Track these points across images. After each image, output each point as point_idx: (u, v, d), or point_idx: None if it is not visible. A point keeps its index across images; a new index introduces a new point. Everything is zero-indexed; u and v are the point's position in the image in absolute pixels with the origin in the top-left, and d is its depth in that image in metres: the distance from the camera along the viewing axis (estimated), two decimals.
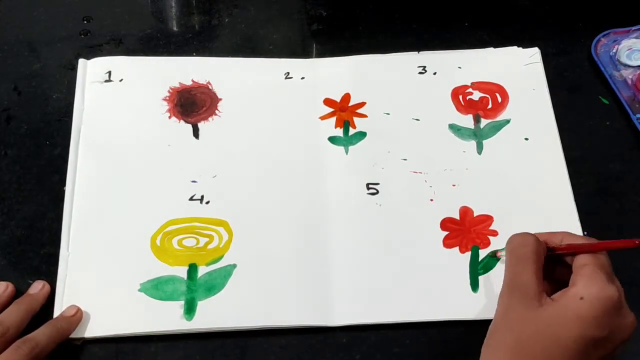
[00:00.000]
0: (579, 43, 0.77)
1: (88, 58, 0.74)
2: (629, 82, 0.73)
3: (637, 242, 0.50)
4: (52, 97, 0.72)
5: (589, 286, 0.49)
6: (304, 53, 0.76)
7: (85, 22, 0.78)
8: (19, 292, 0.61)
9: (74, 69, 0.73)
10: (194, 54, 0.76)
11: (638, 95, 0.73)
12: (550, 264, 0.54)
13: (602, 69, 0.74)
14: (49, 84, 0.73)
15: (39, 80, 0.73)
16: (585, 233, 0.65)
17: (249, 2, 0.80)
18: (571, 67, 0.76)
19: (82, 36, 0.77)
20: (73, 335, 0.59)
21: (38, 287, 0.61)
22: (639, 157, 0.70)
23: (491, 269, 0.63)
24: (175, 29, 0.79)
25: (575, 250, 0.52)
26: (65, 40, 0.76)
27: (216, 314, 0.60)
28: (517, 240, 0.54)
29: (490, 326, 0.51)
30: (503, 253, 0.60)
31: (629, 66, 0.74)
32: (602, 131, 0.72)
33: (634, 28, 0.77)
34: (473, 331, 0.59)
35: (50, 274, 0.62)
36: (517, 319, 0.50)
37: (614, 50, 0.75)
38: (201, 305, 0.60)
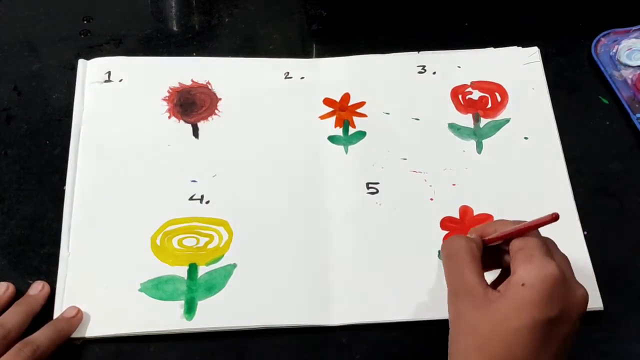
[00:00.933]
0: (579, 43, 0.77)
1: (88, 58, 0.74)
2: (629, 82, 0.73)
3: (555, 215, 0.49)
4: (52, 97, 0.72)
5: (527, 270, 0.48)
6: (304, 53, 0.76)
7: (85, 22, 0.78)
8: (19, 292, 0.61)
9: (74, 69, 0.73)
10: (194, 54, 0.76)
11: (638, 95, 0.73)
12: (495, 254, 0.54)
13: (602, 69, 0.74)
14: (49, 84, 0.73)
15: (39, 80, 0.73)
16: (585, 233, 0.65)
17: (249, 2, 0.80)
18: (571, 67, 0.76)
19: (82, 36, 0.77)
20: (73, 335, 0.59)
21: (38, 288, 0.61)
22: (639, 157, 0.70)
23: None
24: (175, 29, 0.79)
25: (505, 237, 0.52)
26: (65, 40, 0.76)
27: (216, 314, 0.60)
28: (449, 245, 0.53)
29: (449, 336, 0.51)
30: None
31: (629, 66, 0.74)
32: (602, 131, 0.72)
33: (634, 28, 0.77)
34: None
35: (50, 274, 0.62)
36: (472, 322, 0.49)
37: (614, 50, 0.75)
38: (201, 305, 0.60)
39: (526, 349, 0.47)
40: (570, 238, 0.64)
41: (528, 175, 0.68)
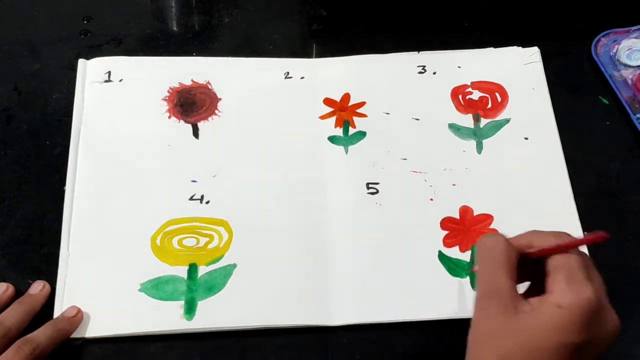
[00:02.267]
0: (579, 43, 0.77)
1: (88, 58, 0.74)
2: (629, 82, 0.73)
3: (605, 235, 0.48)
4: (52, 97, 0.72)
5: (565, 292, 0.46)
6: (304, 53, 0.76)
7: (85, 22, 0.78)
8: (19, 293, 0.61)
9: (74, 69, 0.73)
10: (194, 54, 0.76)
11: (638, 95, 0.73)
12: (526, 266, 0.52)
13: (602, 69, 0.74)
14: (49, 84, 0.73)
15: (39, 80, 0.73)
16: (586, 233, 0.65)
17: (249, 2, 0.80)
18: (571, 67, 0.76)
19: (82, 36, 0.77)
20: (73, 335, 0.59)
21: (38, 288, 0.61)
22: (639, 157, 0.70)
23: None
24: (175, 29, 0.79)
25: (546, 253, 0.50)
26: (65, 40, 0.76)
27: (216, 314, 0.60)
28: (487, 242, 0.51)
29: (469, 335, 0.49)
30: None
31: (629, 66, 0.74)
32: (602, 131, 0.72)
33: (634, 28, 0.77)
34: None
35: (50, 274, 0.62)
36: (497, 328, 0.48)
37: (614, 50, 0.75)
38: (201, 305, 0.60)
39: None
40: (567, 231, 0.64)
41: (528, 175, 0.68)
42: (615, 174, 0.69)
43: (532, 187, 0.67)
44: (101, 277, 0.62)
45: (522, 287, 0.53)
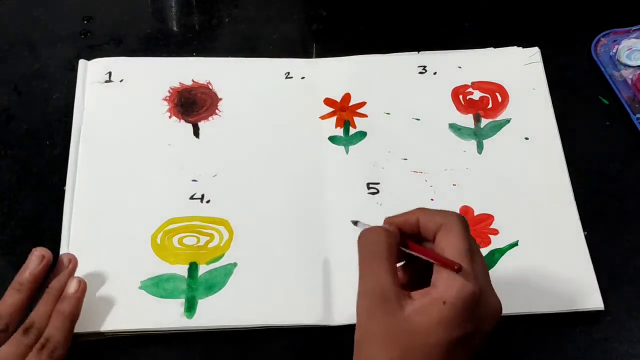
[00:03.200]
0: (579, 43, 0.77)
1: (88, 58, 0.74)
2: (629, 82, 0.74)
3: (455, 267, 0.47)
4: (52, 97, 0.72)
5: (450, 287, 0.47)
6: (304, 53, 0.76)
7: (85, 22, 0.78)
8: None
9: (74, 69, 0.73)
10: (194, 54, 0.76)
11: (638, 95, 0.73)
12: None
13: (602, 69, 0.75)
14: (49, 84, 0.73)
15: (39, 80, 0.73)
16: (586, 233, 0.64)
17: (249, 2, 0.80)
18: (571, 67, 0.76)
19: (82, 36, 0.77)
20: (77, 330, 0.58)
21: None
22: (639, 157, 0.70)
23: (491, 268, 0.63)
24: (175, 29, 0.79)
25: (423, 256, 0.50)
26: (65, 40, 0.76)
27: (216, 313, 0.60)
28: (368, 237, 0.51)
29: (355, 335, 0.49)
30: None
31: (629, 66, 0.74)
32: (602, 131, 0.72)
33: (634, 28, 0.77)
34: None
35: (50, 273, 0.61)
36: (380, 327, 0.47)
37: (614, 50, 0.76)
38: (201, 304, 0.60)
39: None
40: (570, 237, 0.64)
41: (528, 175, 0.68)
42: (615, 174, 0.69)
43: (532, 187, 0.67)
44: (102, 276, 0.62)
45: None
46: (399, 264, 0.51)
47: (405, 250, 0.51)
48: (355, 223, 0.55)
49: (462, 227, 0.50)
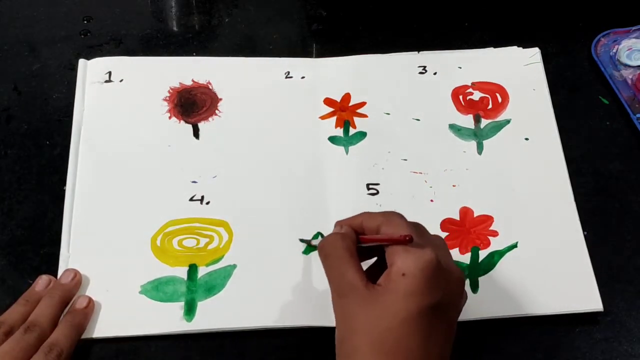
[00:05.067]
0: (579, 43, 0.77)
1: (88, 58, 0.74)
2: (629, 82, 0.73)
3: (406, 237, 0.48)
4: (52, 97, 0.72)
5: (405, 259, 0.48)
6: (304, 53, 0.76)
7: (85, 22, 0.78)
8: (18, 292, 0.60)
9: (74, 69, 0.73)
10: (194, 54, 0.76)
11: (638, 95, 0.73)
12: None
13: (602, 69, 0.74)
14: (49, 84, 0.73)
15: (39, 80, 0.73)
16: (585, 233, 0.64)
17: (249, 2, 0.80)
18: (571, 67, 0.76)
19: (82, 36, 0.77)
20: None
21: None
22: (639, 157, 0.70)
23: (491, 269, 0.63)
24: (175, 29, 0.79)
25: (378, 242, 0.52)
26: (65, 40, 0.76)
27: (216, 315, 0.60)
28: (326, 246, 0.53)
29: (336, 335, 0.51)
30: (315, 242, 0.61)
31: (629, 66, 0.74)
32: (602, 131, 0.72)
33: (634, 28, 0.77)
34: (473, 331, 0.59)
35: (50, 274, 0.62)
36: (360, 320, 0.49)
37: (614, 50, 0.76)
38: (201, 306, 0.60)
39: (416, 337, 0.47)
40: (570, 238, 0.64)
41: (528, 176, 0.68)
42: (615, 174, 0.69)
43: (532, 188, 0.67)
44: (102, 279, 0.62)
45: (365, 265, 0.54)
46: (364, 266, 0.52)
47: (362, 246, 0.53)
48: (306, 241, 0.60)
49: (402, 218, 0.52)
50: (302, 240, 0.63)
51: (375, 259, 0.55)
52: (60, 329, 0.57)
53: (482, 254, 0.64)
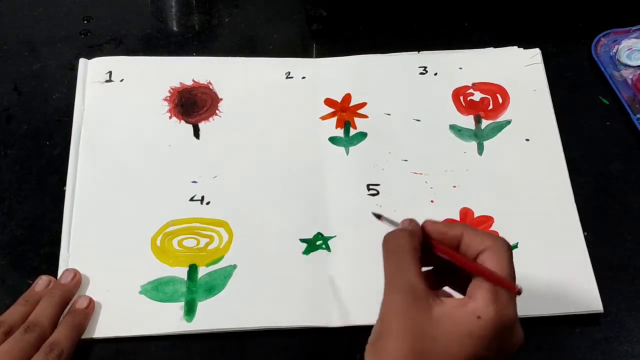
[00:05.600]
0: (579, 43, 0.77)
1: (88, 58, 0.74)
2: (629, 82, 0.73)
3: (517, 289, 0.46)
4: (52, 97, 0.72)
5: (489, 306, 0.46)
6: (304, 53, 0.76)
7: (85, 22, 0.78)
8: (18, 292, 0.60)
9: (74, 69, 0.73)
10: (194, 54, 0.76)
11: (638, 95, 0.73)
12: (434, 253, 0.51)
13: (602, 69, 0.74)
14: (49, 84, 0.73)
15: (39, 80, 0.73)
16: (586, 234, 0.64)
17: (249, 2, 0.80)
18: (571, 67, 0.76)
19: (82, 36, 0.77)
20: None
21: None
22: (639, 157, 0.70)
23: None
24: (175, 29, 0.79)
25: (457, 262, 0.49)
26: (65, 40, 0.76)
27: (216, 315, 0.60)
28: (392, 240, 0.50)
29: (374, 330, 0.48)
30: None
31: (629, 66, 0.74)
32: (602, 131, 0.72)
33: (634, 28, 0.77)
34: None
35: (50, 274, 0.62)
36: (407, 324, 0.46)
37: (614, 50, 0.75)
38: (201, 306, 0.60)
39: None
40: (570, 239, 0.64)
41: (529, 176, 0.68)
42: (615, 174, 0.69)
43: (532, 188, 0.67)
44: (102, 279, 0.62)
45: None
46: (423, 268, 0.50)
47: (442, 256, 0.50)
48: (378, 217, 0.55)
49: (510, 254, 0.49)
50: (374, 214, 0.57)
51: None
52: (60, 329, 0.57)
53: None
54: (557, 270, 0.63)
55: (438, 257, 0.50)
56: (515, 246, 0.64)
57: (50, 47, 0.76)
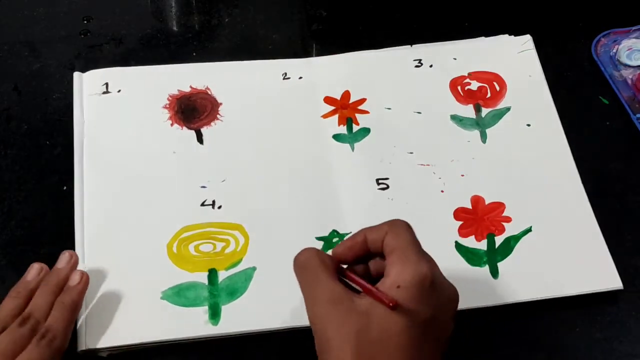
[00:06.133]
0: (579, 43, 0.77)
1: (88, 58, 0.74)
2: (629, 82, 0.74)
3: (391, 304, 0.46)
4: (52, 97, 0.72)
5: (402, 271, 0.47)
6: (304, 53, 0.76)
7: (85, 22, 0.78)
8: None
9: (74, 69, 0.73)
10: (194, 54, 0.76)
11: (638, 95, 0.73)
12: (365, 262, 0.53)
13: (602, 69, 0.75)
14: (49, 84, 0.73)
15: (39, 80, 0.73)
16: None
17: (249, 2, 0.80)
18: (571, 67, 0.76)
19: (82, 36, 0.77)
20: (101, 345, 0.58)
21: (76, 279, 0.58)
22: (639, 157, 0.70)
23: (509, 254, 0.63)
24: (175, 29, 0.79)
25: (359, 285, 0.49)
26: (65, 40, 0.76)
27: (242, 317, 0.60)
28: (301, 257, 0.52)
29: (316, 346, 0.48)
30: None
31: (629, 66, 0.75)
32: (602, 131, 0.72)
33: (634, 28, 0.77)
34: (492, 317, 0.59)
35: None
36: (341, 328, 0.47)
37: (614, 50, 0.76)
38: (225, 310, 0.60)
39: (404, 351, 0.46)
40: (581, 218, 0.65)
41: (534, 160, 0.69)
42: (615, 174, 0.69)
43: (539, 171, 0.68)
44: (121, 288, 0.61)
45: None
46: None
47: (346, 280, 0.51)
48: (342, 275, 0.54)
49: (410, 229, 0.51)
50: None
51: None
52: (53, 313, 0.56)
53: (498, 240, 0.64)
54: (573, 250, 0.63)
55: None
56: (530, 230, 0.65)
57: (50, 47, 0.75)
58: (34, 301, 0.57)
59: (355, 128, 0.70)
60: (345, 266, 0.52)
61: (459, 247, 0.64)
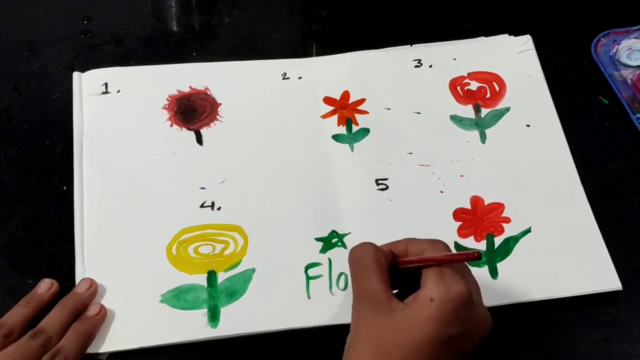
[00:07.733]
0: (579, 43, 0.77)
1: (88, 58, 0.74)
2: (629, 82, 0.74)
3: (476, 254, 0.49)
4: (52, 97, 0.72)
5: (437, 286, 0.48)
6: (304, 53, 0.76)
7: (85, 22, 0.78)
8: (18, 292, 0.60)
9: (74, 69, 0.73)
10: (194, 54, 0.76)
11: (638, 95, 0.73)
12: (397, 275, 0.53)
13: (602, 69, 0.75)
14: (49, 84, 0.73)
15: (39, 80, 0.73)
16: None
17: (249, 2, 0.80)
18: (571, 67, 0.76)
19: (82, 36, 0.77)
20: (100, 350, 0.58)
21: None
22: (639, 157, 0.70)
23: (508, 255, 0.63)
24: (175, 29, 0.79)
25: (422, 262, 0.51)
26: (65, 40, 0.76)
27: (241, 319, 0.60)
28: (357, 251, 0.53)
29: (347, 339, 0.51)
30: None
31: (629, 66, 0.74)
32: (602, 131, 0.72)
33: (634, 28, 0.77)
34: (494, 317, 0.59)
35: (50, 274, 0.61)
36: (371, 328, 0.49)
37: (614, 50, 0.76)
38: (225, 312, 0.60)
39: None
40: (581, 219, 0.65)
41: (533, 161, 0.69)
42: (615, 174, 0.69)
43: (538, 172, 0.68)
44: (120, 291, 0.61)
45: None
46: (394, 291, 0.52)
47: (406, 267, 0.52)
48: None
49: (447, 246, 0.52)
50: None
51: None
52: (67, 336, 0.56)
53: (497, 241, 0.64)
54: (572, 251, 0.63)
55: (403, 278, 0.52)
56: (529, 231, 0.65)
57: (50, 47, 0.75)
58: (48, 317, 0.57)
59: (354, 128, 0.70)
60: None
61: (458, 247, 0.64)
